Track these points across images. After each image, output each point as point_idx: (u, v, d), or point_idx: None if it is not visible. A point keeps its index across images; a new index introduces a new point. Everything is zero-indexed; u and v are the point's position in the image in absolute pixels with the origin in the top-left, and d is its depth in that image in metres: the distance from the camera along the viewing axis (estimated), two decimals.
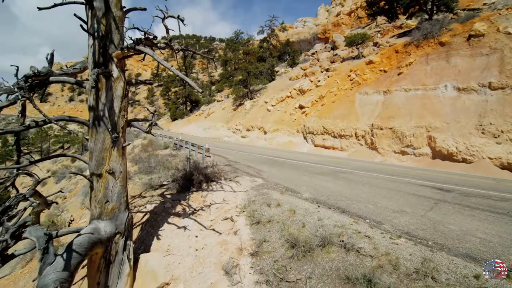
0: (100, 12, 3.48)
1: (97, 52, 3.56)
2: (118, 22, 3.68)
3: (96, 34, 3.52)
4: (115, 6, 3.64)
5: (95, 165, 3.75)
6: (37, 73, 3.39)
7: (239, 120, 31.51)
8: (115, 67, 3.77)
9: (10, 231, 2.89)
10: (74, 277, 3.10)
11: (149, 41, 3.69)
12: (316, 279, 3.63)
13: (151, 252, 4.85)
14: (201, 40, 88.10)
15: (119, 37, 3.75)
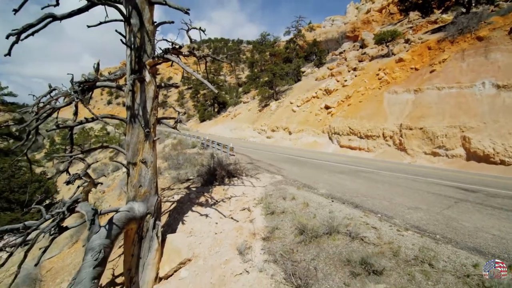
0: (136, 28, 4.25)
1: (133, 61, 4.33)
2: (150, 35, 4.42)
3: (132, 46, 4.29)
4: (148, 21, 4.38)
5: (131, 155, 4.51)
6: (87, 80, 4.22)
7: (264, 120, 32.09)
8: (147, 73, 4.51)
9: (66, 205, 3.69)
10: (114, 245, 3.83)
11: (175, 50, 4.37)
12: (319, 260, 4.02)
13: (176, 233, 5.56)
14: (229, 43, 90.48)
15: (151, 47, 4.49)
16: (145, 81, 4.48)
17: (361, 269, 3.66)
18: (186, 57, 4.70)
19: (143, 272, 4.51)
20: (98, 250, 3.45)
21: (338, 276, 3.64)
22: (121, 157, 23.41)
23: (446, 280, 3.37)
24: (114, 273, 5.89)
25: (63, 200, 3.81)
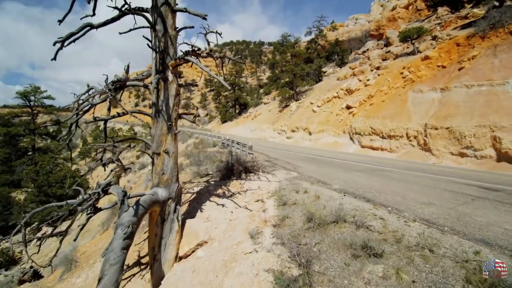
0: (160, 33, 4.83)
1: (158, 62, 4.92)
2: (173, 39, 4.99)
3: (157, 49, 4.88)
4: (171, 27, 4.96)
5: (156, 146, 5.10)
6: (119, 79, 4.87)
7: (284, 121, 32.31)
8: (170, 73, 5.08)
9: (101, 187, 4.32)
10: (140, 223, 4.41)
11: (194, 52, 4.90)
12: (323, 244, 4.32)
13: (194, 218, 6.09)
14: (250, 45, 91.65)
15: (173, 50, 5.06)
16: (168, 80, 5.06)
17: (362, 252, 3.91)
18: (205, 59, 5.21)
19: (165, 250, 5.06)
20: (127, 225, 4.03)
21: (340, 257, 3.93)
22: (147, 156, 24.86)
23: (444, 264, 3.55)
24: (140, 255, 6.55)
25: (98, 183, 4.46)
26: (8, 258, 13.93)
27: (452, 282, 3.19)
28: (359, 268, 3.63)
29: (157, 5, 4.85)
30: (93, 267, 7.63)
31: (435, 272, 3.39)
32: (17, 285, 9.22)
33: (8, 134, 28.58)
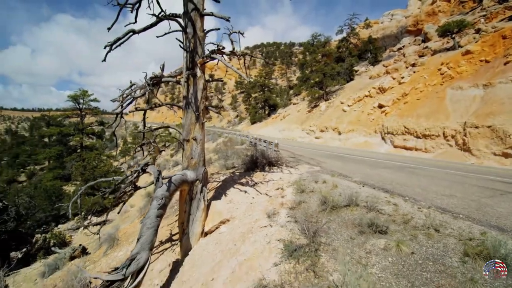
0: (190, 35, 5.60)
1: (188, 60, 5.69)
2: (201, 40, 5.73)
3: (187, 49, 5.66)
4: (199, 30, 5.70)
5: (186, 133, 5.87)
6: (156, 76, 5.73)
7: (313, 121, 32.24)
8: (198, 70, 5.82)
9: (140, 166, 5.16)
10: (172, 197, 5.17)
11: (219, 51, 5.58)
12: (333, 223, 4.71)
13: (219, 200, 6.77)
14: (281, 47, 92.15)
15: (201, 49, 5.80)
16: (197, 76, 5.80)
17: (368, 229, 4.24)
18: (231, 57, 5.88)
19: (192, 226, 5.78)
20: (161, 198, 4.80)
21: (347, 233, 4.29)
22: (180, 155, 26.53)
23: (447, 241, 3.76)
24: (171, 233, 7.40)
25: (138, 163, 5.31)
26: (61, 240, 15.95)
27: (450, 255, 3.42)
28: (363, 242, 3.98)
29: (188, 11, 5.64)
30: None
31: (436, 247, 3.63)
32: (68, 260, 10.70)
33: (60, 134, 32.27)
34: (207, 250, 5.03)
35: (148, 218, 4.52)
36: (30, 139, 68.93)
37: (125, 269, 3.82)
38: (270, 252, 3.92)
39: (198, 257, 4.95)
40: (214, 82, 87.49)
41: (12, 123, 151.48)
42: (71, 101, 33.86)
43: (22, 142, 68.97)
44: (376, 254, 3.61)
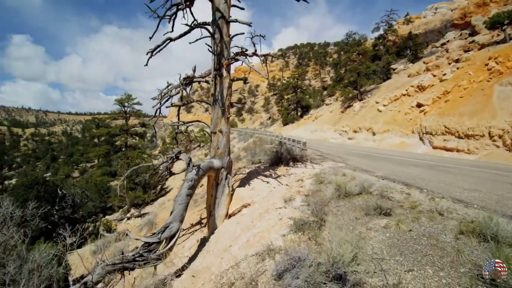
0: (218, 40, 6.43)
1: (215, 62, 6.52)
2: (227, 44, 6.53)
3: (215, 53, 6.50)
4: (226, 35, 6.51)
5: (213, 127, 6.71)
6: (188, 77, 6.65)
7: (346, 122, 31.71)
8: (224, 70, 6.62)
9: (174, 153, 6.08)
10: (200, 181, 6.00)
11: (243, 53, 6.32)
12: (343, 207, 5.14)
13: (242, 188, 7.48)
14: (315, 47, 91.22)
15: (227, 52, 6.60)
16: (223, 76, 6.61)
17: (374, 212, 4.62)
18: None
19: (218, 208, 6.56)
20: (190, 180, 5.65)
21: (353, 215, 4.71)
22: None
23: (447, 223, 4.01)
24: (201, 217, 8.30)
25: (173, 151, 6.25)
26: (108, 228, 18.05)
27: (446, 233, 3.71)
28: (366, 221, 4.38)
29: (215, 19, 6.49)
30: None
31: (435, 227, 3.92)
32: (114, 242, 12.27)
33: (108, 134, 35.89)
34: (229, 228, 5.76)
35: (179, 196, 5.39)
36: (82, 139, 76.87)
37: (160, 234, 4.70)
38: (280, 227, 4.51)
39: (222, 234, 5.70)
40: (247, 85, 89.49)
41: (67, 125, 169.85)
42: (118, 104, 37.53)
43: (76, 142, 77.33)
44: (375, 231, 4.01)
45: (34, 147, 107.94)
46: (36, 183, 15.79)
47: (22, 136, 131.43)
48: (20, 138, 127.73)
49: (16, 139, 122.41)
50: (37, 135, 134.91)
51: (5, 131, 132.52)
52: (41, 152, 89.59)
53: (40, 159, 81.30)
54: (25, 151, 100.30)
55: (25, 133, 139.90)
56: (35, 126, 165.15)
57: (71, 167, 56.44)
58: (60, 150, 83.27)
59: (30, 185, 15.71)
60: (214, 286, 3.44)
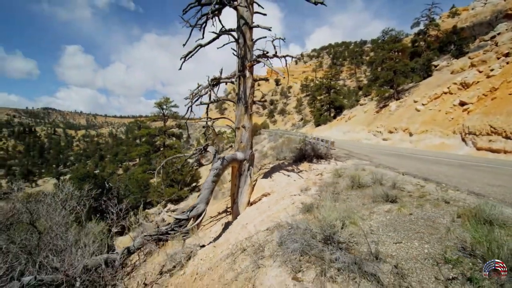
0: (241, 44, 7.18)
1: (239, 64, 7.28)
2: (250, 48, 7.25)
3: (239, 56, 7.25)
4: (249, 39, 7.23)
5: (237, 122, 7.45)
6: (215, 78, 7.49)
7: (381, 122, 30.72)
8: (247, 72, 7.34)
9: (203, 146, 6.93)
10: (225, 170, 6.77)
11: (264, 55, 6.99)
12: (353, 195, 5.52)
13: (264, 179, 8.11)
14: (350, 46, 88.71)
15: (250, 55, 7.31)
16: (246, 76, 7.33)
17: (381, 199, 4.96)
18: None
19: (240, 196, 7.26)
20: (216, 168, 6.44)
21: (361, 201, 5.09)
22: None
23: (449, 209, 4.25)
24: (227, 206, 9.09)
25: (202, 145, 7.12)
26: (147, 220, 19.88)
27: (444, 217, 3.98)
28: (371, 206, 4.76)
29: (240, 25, 7.25)
30: None
31: (436, 212, 4.19)
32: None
33: (148, 135, 38.94)
34: (249, 214, 6.42)
35: (206, 183, 6.21)
36: (126, 140, 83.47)
37: (189, 212, 5.53)
38: (292, 209, 5.06)
39: (243, 218, 6.38)
40: (279, 86, 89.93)
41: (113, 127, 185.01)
42: (157, 107, 40.62)
43: (120, 143, 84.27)
44: (378, 214, 4.39)
45: (85, 147, 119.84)
46: (87, 176, 18.04)
47: (75, 137, 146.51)
48: (73, 139, 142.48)
49: (70, 140, 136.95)
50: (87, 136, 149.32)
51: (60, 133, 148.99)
52: (91, 152, 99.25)
53: (90, 157, 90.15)
54: (77, 151, 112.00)
55: (77, 134, 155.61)
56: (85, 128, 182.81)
57: (116, 165, 62.00)
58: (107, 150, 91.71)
59: (82, 178, 18.00)
60: (230, 251, 4.12)
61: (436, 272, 2.72)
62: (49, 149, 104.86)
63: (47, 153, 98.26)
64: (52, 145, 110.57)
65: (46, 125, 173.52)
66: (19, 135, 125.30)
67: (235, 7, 7.27)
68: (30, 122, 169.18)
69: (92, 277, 4.64)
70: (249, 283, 3.14)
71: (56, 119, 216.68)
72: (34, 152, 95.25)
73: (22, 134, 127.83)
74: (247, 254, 3.83)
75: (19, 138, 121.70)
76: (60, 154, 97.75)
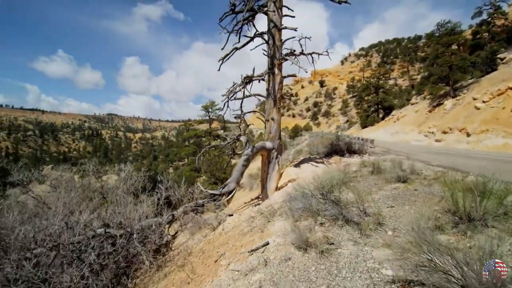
0: (271, 45, 8.08)
1: (269, 63, 8.17)
2: (279, 48, 8.10)
3: (269, 55, 8.15)
4: (278, 40, 8.10)
5: (267, 115, 8.34)
6: (248, 76, 8.51)
7: (433, 122, 28.69)
8: (276, 69, 8.19)
9: (235, 136, 7.97)
10: (254, 156, 7.71)
11: (292, 54, 7.78)
12: (369, 178, 5.98)
13: (292, 168, 8.82)
14: (403, 42, 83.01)
15: (279, 54, 8.15)
16: (275, 74, 8.18)
17: (393, 180, 5.38)
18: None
19: (269, 182, 8.09)
20: (246, 155, 7.42)
21: (375, 182, 5.56)
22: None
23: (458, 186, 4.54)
24: (259, 194, 10.00)
25: (234, 133, 8.17)
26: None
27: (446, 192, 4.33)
28: (382, 186, 5.23)
29: (270, 28, 8.15)
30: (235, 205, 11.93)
31: (440, 189, 4.53)
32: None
33: (195, 136, 42.07)
34: (275, 196, 7.24)
35: (237, 166, 7.23)
36: (176, 142, 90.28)
37: (221, 189, 6.60)
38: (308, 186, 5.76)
39: (269, 201, 7.22)
40: (324, 88, 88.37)
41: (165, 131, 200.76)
42: (203, 110, 43.70)
43: (171, 145, 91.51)
44: (385, 190, 4.88)
45: (141, 148, 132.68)
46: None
47: (133, 140, 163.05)
48: (132, 141, 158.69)
49: (129, 142, 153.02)
50: (143, 139, 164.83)
51: (121, 135, 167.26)
52: (146, 152, 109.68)
53: (145, 157, 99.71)
54: (134, 152, 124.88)
55: (135, 137, 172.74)
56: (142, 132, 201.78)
57: (167, 164, 67.91)
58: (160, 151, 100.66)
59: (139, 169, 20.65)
60: (250, 216, 5.02)
61: (412, 222, 3.26)
62: (112, 150, 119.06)
63: (110, 154, 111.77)
64: (114, 146, 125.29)
65: (110, 129, 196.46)
66: (88, 138, 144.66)
67: (265, 12, 8.20)
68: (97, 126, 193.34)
69: (145, 233, 5.95)
70: (260, 231, 4.00)
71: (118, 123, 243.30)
72: (100, 152, 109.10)
73: (91, 136, 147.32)
74: (263, 216, 4.69)
75: (88, 140, 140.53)
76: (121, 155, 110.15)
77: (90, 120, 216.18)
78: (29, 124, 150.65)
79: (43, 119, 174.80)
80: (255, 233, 4.10)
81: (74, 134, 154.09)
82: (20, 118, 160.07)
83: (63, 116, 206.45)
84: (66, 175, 10.15)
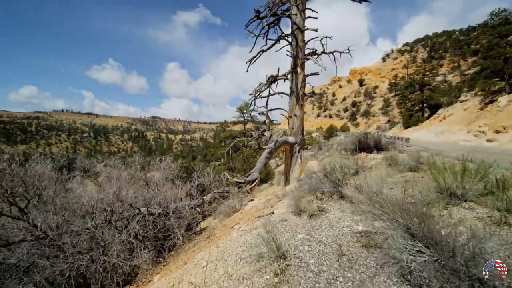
0: (294, 46, 8.67)
1: (292, 63, 8.77)
2: (301, 48, 8.65)
3: (292, 56, 8.75)
4: (300, 41, 8.65)
5: (290, 112, 8.93)
6: (272, 75, 9.20)
7: (485, 120, 26.49)
8: (299, 68, 8.75)
9: (260, 131, 8.69)
10: (277, 150, 8.38)
11: (314, 53, 8.29)
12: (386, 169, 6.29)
13: (313, 161, 9.28)
14: (453, 35, 76.51)
15: (301, 54, 8.70)
16: (297, 72, 8.75)
17: (405, 169, 5.68)
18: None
19: (292, 174, 8.66)
20: (269, 148, 8.11)
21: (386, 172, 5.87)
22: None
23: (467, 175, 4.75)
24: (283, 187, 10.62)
25: (259, 129, 8.91)
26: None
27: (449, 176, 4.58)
28: (393, 175, 5.56)
29: (293, 30, 8.75)
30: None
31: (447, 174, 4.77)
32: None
33: (230, 136, 43.86)
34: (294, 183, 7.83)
35: (261, 158, 7.96)
36: (213, 143, 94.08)
37: (245, 177, 7.38)
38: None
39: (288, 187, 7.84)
40: (363, 87, 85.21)
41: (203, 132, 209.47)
42: (238, 111, 45.39)
43: (209, 145, 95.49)
44: (394, 178, 5.24)
45: (181, 149, 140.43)
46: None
47: (174, 141, 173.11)
48: (173, 142, 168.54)
49: (170, 143, 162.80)
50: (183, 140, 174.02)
51: (163, 137, 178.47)
52: (185, 153, 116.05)
53: (184, 158, 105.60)
54: (175, 152, 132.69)
55: (176, 138, 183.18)
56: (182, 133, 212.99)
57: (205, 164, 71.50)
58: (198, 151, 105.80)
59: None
60: (267, 199, 5.72)
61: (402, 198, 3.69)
62: (155, 151, 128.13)
63: (154, 154, 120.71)
64: (157, 147, 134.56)
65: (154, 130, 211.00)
66: (135, 139, 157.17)
67: (289, 16, 8.82)
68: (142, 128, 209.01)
69: (179, 214, 6.97)
70: (270, 206, 4.69)
71: (161, 125, 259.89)
72: (144, 153, 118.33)
73: (137, 138, 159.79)
74: (277, 197, 5.37)
75: (134, 141, 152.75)
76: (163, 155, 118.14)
77: (136, 123, 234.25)
78: (85, 127, 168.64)
79: (96, 122, 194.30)
80: (266, 208, 4.81)
81: (122, 136, 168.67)
82: (78, 121, 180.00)
83: (113, 119, 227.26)
84: (117, 164, 11.82)
